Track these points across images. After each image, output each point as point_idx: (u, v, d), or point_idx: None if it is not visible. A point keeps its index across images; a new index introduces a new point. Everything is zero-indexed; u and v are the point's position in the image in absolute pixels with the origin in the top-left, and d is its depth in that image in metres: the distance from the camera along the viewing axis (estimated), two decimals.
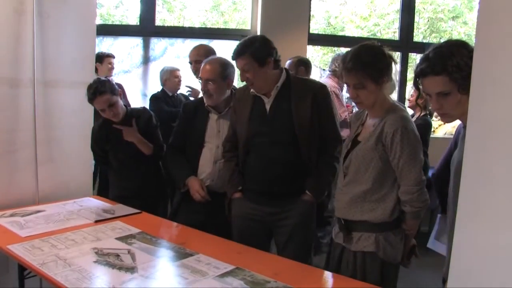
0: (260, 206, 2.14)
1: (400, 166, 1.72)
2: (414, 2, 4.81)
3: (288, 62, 3.55)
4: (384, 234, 1.76)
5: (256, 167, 2.13)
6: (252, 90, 2.15)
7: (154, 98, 3.80)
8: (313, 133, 2.09)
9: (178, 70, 3.91)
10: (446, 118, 1.47)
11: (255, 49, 2.04)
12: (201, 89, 2.38)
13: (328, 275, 1.72)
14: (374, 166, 1.76)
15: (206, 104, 2.37)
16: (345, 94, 5.12)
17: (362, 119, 1.92)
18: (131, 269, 1.57)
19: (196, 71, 2.81)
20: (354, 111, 4.23)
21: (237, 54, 2.07)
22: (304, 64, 3.62)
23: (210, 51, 2.87)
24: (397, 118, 1.74)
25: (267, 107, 2.12)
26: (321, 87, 2.21)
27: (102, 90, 2.38)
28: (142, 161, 2.55)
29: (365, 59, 1.73)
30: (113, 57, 3.94)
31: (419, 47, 4.75)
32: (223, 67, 2.33)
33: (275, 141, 2.09)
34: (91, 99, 2.42)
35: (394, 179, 1.78)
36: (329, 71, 4.01)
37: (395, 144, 1.71)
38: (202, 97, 2.47)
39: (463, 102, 1.32)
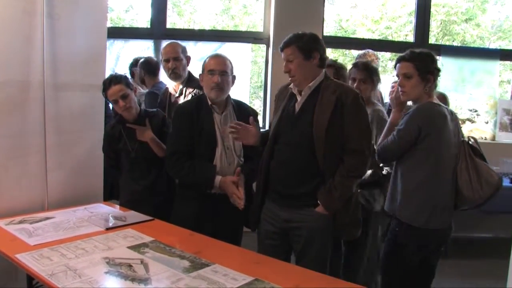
0: (277, 211, 2.10)
1: None
2: (430, 4, 4.76)
3: None
4: None
5: (276, 166, 2.11)
6: (290, 86, 2.13)
7: None
8: (329, 141, 1.98)
9: None
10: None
11: (303, 41, 2.03)
12: (214, 82, 2.25)
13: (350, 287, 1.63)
14: None
15: (210, 103, 2.31)
16: None
17: None
18: (144, 281, 1.49)
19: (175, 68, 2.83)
20: None
21: (284, 44, 2.07)
22: None
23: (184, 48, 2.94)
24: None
25: (297, 107, 2.09)
26: (348, 95, 2.02)
27: (116, 81, 2.38)
28: (154, 162, 2.47)
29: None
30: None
31: (435, 49, 4.65)
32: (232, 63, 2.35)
33: (294, 142, 2.06)
34: (105, 89, 2.40)
35: None
36: None
37: None
38: (196, 97, 2.47)
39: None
